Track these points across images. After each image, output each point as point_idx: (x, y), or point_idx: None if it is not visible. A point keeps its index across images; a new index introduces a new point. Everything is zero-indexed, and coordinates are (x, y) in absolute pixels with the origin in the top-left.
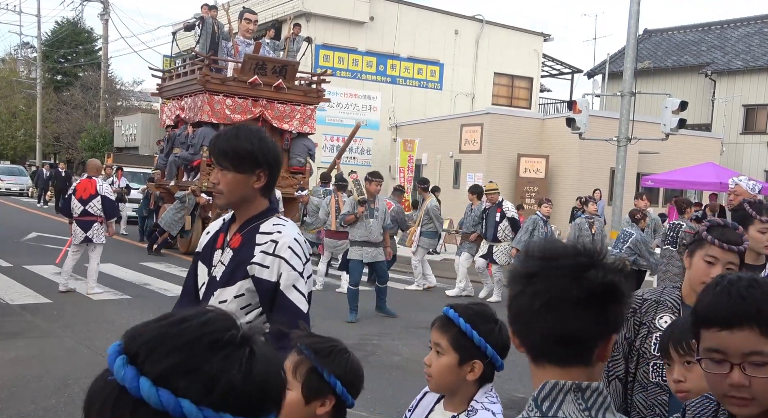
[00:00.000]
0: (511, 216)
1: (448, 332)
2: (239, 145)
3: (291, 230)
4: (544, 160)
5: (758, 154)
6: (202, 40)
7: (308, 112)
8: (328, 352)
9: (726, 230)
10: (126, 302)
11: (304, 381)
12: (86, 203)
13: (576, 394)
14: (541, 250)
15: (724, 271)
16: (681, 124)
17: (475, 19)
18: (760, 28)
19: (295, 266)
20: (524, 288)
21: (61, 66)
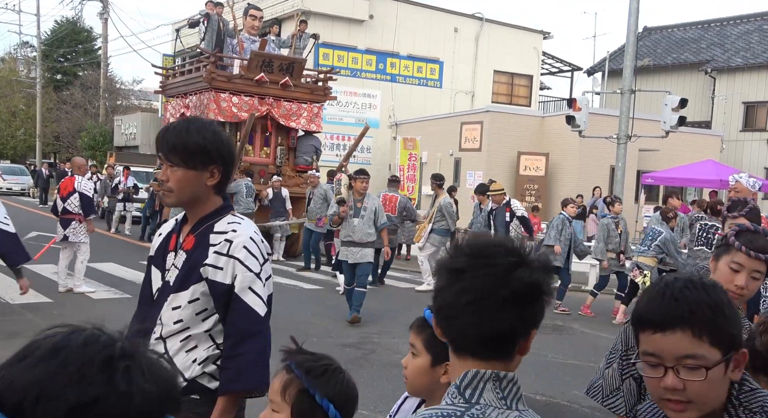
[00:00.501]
0: (521, 214)
1: (422, 333)
2: (190, 139)
3: (247, 229)
4: (544, 158)
5: (758, 152)
6: (207, 37)
7: (315, 110)
8: (321, 372)
9: (756, 237)
10: (126, 301)
11: (294, 403)
12: (65, 201)
13: (494, 383)
14: (470, 246)
15: (748, 279)
16: (681, 121)
17: (474, 17)
18: (759, 25)
19: (251, 267)
20: (452, 283)
21: (60, 65)
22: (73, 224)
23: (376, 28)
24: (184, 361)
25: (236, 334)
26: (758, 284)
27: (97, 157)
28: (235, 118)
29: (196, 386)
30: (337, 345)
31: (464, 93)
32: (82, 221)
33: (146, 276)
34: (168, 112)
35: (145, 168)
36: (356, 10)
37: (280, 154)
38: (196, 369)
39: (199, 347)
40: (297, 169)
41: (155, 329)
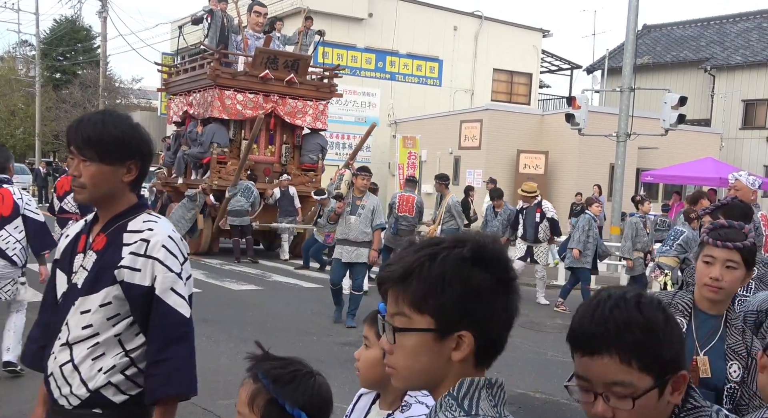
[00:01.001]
0: (551, 216)
1: (375, 325)
2: (106, 131)
3: (164, 227)
4: (543, 156)
5: (758, 149)
6: (211, 33)
7: (320, 108)
8: (289, 379)
9: (727, 230)
10: None
11: (263, 414)
12: (62, 200)
13: (488, 390)
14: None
15: (722, 270)
16: (680, 119)
17: (474, 15)
18: (759, 23)
19: (172, 267)
20: None
21: (59, 64)
22: (70, 223)
23: (376, 27)
24: (89, 370)
25: (161, 337)
26: (736, 273)
27: None
28: (240, 115)
29: (98, 399)
30: (336, 344)
31: (464, 91)
32: (79, 220)
33: (50, 281)
34: (171, 111)
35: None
36: (355, 8)
37: (285, 152)
38: (101, 379)
39: (107, 355)
40: (302, 167)
41: (60, 335)
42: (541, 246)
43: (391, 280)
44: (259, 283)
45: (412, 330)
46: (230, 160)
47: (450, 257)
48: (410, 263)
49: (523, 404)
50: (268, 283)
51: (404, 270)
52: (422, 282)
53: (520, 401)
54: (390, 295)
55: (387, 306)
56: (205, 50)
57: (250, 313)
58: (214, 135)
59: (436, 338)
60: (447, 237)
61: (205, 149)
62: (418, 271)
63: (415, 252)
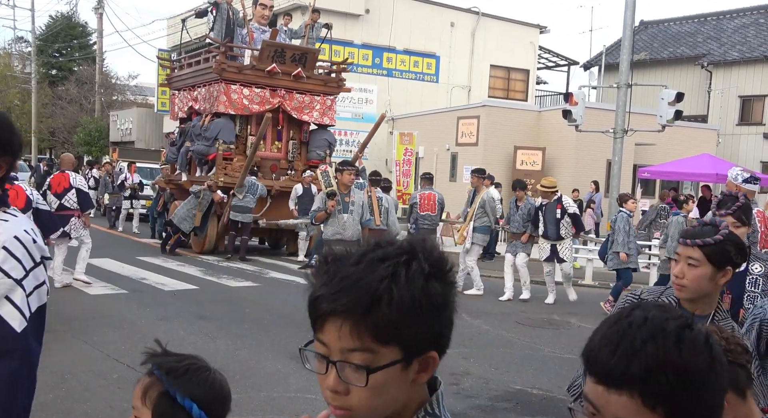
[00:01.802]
0: (572, 212)
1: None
2: None
3: (15, 227)
4: (540, 152)
5: (754, 145)
6: (216, 26)
7: (328, 103)
8: (182, 371)
9: (701, 228)
10: (123, 297)
11: (155, 406)
12: (62, 197)
13: (442, 398)
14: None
15: (684, 267)
16: (677, 115)
17: (471, 11)
18: (756, 18)
19: (10, 272)
20: None
21: (55, 60)
22: (72, 220)
23: (373, 23)
24: None
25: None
26: (697, 271)
27: (92, 152)
28: (246, 110)
29: None
30: None
31: (461, 87)
32: (80, 217)
33: None
34: (175, 106)
35: (149, 164)
36: (352, 4)
37: (292, 148)
38: None
39: None
40: (309, 164)
41: None
42: (564, 243)
43: (349, 311)
44: (256, 279)
45: (383, 367)
46: (236, 157)
47: (412, 274)
48: (373, 288)
49: (520, 400)
50: (266, 279)
51: (370, 297)
52: (393, 310)
53: (517, 397)
54: (343, 327)
55: (331, 340)
56: (210, 44)
57: (247, 309)
58: (220, 131)
59: (403, 366)
60: (380, 242)
61: (210, 145)
62: (387, 298)
63: (366, 271)
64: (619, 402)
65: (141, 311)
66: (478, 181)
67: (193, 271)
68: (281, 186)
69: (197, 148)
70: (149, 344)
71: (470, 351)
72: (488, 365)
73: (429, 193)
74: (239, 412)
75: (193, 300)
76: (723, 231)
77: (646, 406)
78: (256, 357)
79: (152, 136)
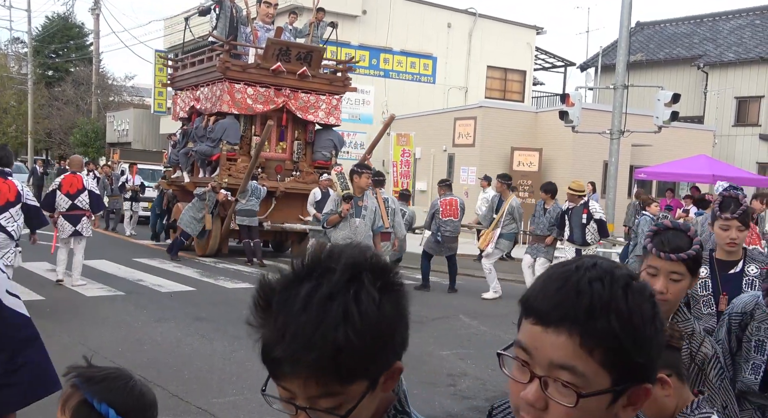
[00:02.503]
0: (599, 218)
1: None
2: None
3: None
4: (537, 153)
5: (750, 146)
6: (220, 24)
7: (334, 103)
8: (101, 378)
9: (672, 234)
10: (120, 299)
11: (73, 415)
12: (74, 198)
13: None
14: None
15: (667, 283)
16: (674, 116)
17: (467, 12)
18: (751, 20)
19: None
20: None
21: (52, 61)
22: (83, 220)
23: (369, 24)
24: None
25: (10, 343)
26: (680, 286)
27: (89, 154)
28: (250, 110)
29: None
30: None
31: (458, 88)
32: (90, 217)
33: None
34: (177, 106)
35: (151, 165)
36: (349, 5)
37: (297, 149)
38: None
39: None
40: (315, 165)
41: None
42: (590, 249)
43: (312, 368)
44: (253, 281)
45: (354, 407)
46: (240, 157)
47: (365, 309)
48: (331, 340)
49: None
50: None
51: (331, 350)
52: (355, 355)
53: None
54: (307, 381)
55: (295, 389)
56: (213, 42)
57: (244, 311)
58: (225, 131)
59: (371, 391)
60: (319, 266)
61: (214, 145)
62: (347, 346)
63: (318, 318)
64: (556, 343)
65: (138, 312)
66: (502, 186)
67: (190, 272)
68: (286, 187)
69: (200, 149)
70: (146, 346)
71: (467, 352)
72: (485, 366)
73: (450, 199)
74: (236, 414)
75: (190, 302)
76: (696, 239)
77: (584, 348)
78: (253, 358)
79: (149, 137)
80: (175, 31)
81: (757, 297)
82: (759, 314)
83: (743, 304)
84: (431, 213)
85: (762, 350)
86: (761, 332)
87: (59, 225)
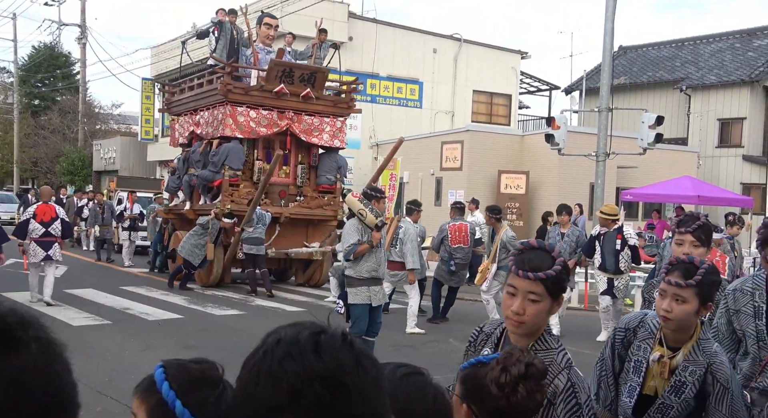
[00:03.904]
0: (633, 244)
1: (146, 401)
2: None
3: None
4: (524, 176)
5: (734, 167)
6: (220, 46)
7: (338, 125)
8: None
9: (534, 254)
10: (107, 328)
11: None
12: (48, 226)
13: None
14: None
15: (525, 303)
16: (658, 138)
17: (453, 37)
18: (731, 43)
19: None
20: None
21: (38, 90)
22: (55, 246)
23: (356, 50)
24: None
25: None
26: (538, 307)
27: (76, 182)
28: (254, 133)
29: None
30: None
31: (444, 113)
32: (62, 244)
33: None
34: (176, 132)
35: (149, 193)
36: (336, 32)
37: (300, 173)
38: None
39: None
40: (319, 189)
41: None
42: (622, 278)
43: None
44: (242, 307)
45: None
46: (242, 183)
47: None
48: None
49: None
50: (251, 307)
51: None
52: None
53: None
54: None
55: None
56: (213, 65)
57: (234, 338)
58: (228, 155)
59: None
60: (254, 377)
61: (216, 171)
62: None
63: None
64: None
65: (125, 341)
66: (491, 220)
67: (178, 300)
68: (290, 213)
69: (202, 174)
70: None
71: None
72: None
73: (460, 224)
74: None
75: (177, 329)
76: (559, 260)
77: None
78: None
79: (136, 165)
80: (161, 58)
81: (644, 314)
82: (642, 332)
83: (629, 319)
84: (440, 238)
85: (639, 372)
86: (641, 352)
87: (31, 250)
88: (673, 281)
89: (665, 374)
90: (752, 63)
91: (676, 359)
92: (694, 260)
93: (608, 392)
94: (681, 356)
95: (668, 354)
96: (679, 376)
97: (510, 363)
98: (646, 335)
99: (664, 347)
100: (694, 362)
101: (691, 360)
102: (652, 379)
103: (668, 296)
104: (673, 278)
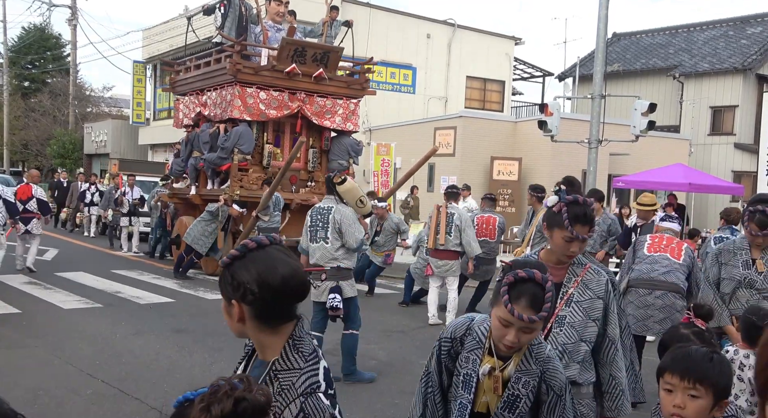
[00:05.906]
0: None
1: None
2: None
3: None
4: (517, 162)
5: (725, 155)
6: (228, 23)
7: (351, 107)
8: None
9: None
10: (97, 311)
11: None
12: (25, 203)
13: None
14: None
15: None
16: (650, 125)
17: (446, 23)
18: (725, 31)
19: None
20: None
21: (28, 72)
22: (33, 221)
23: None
24: None
25: None
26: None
27: (67, 165)
28: (263, 116)
29: None
30: None
31: (437, 99)
32: (39, 219)
33: None
34: (180, 113)
35: (153, 177)
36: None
37: (312, 157)
38: None
39: None
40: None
41: None
42: None
43: None
44: None
45: None
46: (252, 168)
47: None
48: None
49: None
50: None
51: None
52: None
53: None
54: None
55: None
56: (220, 43)
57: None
58: (240, 138)
59: None
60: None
61: (226, 155)
62: None
63: None
64: None
65: (116, 325)
66: (533, 199)
67: (169, 284)
68: (302, 199)
69: (210, 158)
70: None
71: None
72: None
73: (488, 217)
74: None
75: (169, 313)
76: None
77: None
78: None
79: (127, 148)
80: (153, 41)
81: (470, 319)
82: (469, 342)
83: (454, 327)
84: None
85: (468, 388)
86: (469, 365)
87: (18, 227)
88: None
89: (499, 389)
90: (745, 51)
91: (507, 369)
92: None
93: (435, 411)
94: (512, 367)
95: (500, 365)
96: (512, 389)
97: (214, 400)
98: (474, 344)
99: (494, 357)
100: (527, 372)
101: (524, 370)
102: (483, 394)
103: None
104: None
